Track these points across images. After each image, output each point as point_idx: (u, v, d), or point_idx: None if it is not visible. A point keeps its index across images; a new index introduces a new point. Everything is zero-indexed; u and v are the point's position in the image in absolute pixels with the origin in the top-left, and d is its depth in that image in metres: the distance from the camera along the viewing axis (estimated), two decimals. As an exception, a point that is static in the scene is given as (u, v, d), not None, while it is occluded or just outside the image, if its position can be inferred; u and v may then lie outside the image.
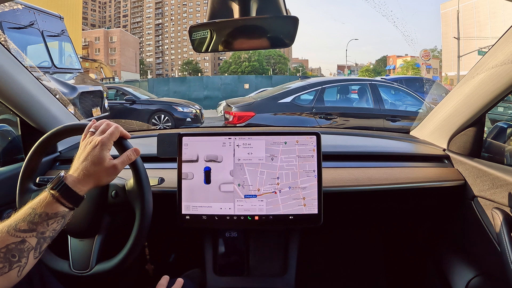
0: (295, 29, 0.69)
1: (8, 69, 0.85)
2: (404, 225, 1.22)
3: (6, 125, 1.04)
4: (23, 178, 0.72)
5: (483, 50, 15.05)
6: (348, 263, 1.30)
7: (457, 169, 0.96)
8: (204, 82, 15.43)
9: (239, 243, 0.94)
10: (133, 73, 46.09)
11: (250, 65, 42.46)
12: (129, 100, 6.95)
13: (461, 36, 15.66)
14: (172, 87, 14.90)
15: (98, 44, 45.42)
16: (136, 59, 49.58)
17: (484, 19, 25.30)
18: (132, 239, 0.67)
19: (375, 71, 43.23)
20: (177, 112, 6.80)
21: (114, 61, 45.48)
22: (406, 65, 35.73)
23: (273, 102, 3.72)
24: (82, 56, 19.49)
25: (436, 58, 34.29)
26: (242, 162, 0.82)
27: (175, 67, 60.41)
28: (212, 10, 0.71)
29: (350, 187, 0.90)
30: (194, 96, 13.92)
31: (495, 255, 0.78)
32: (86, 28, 53.62)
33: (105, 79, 16.02)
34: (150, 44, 63.77)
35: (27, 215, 0.53)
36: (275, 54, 45.51)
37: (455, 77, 19.50)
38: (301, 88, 3.85)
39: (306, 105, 3.74)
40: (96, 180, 0.60)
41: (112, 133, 0.63)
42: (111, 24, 61.61)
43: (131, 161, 0.66)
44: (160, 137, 0.89)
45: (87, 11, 59.98)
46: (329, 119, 3.66)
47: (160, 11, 62.42)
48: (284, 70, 45.37)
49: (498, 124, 1.00)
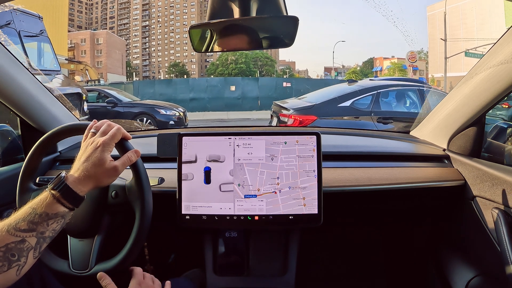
0: (295, 29, 0.69)
1: (8, 69, 0.85)
2: (404, 225, 1.22)
3: (6, 125, 1.04)
4: (23, 177, 0.72)
5: (470, 52, 15.19)
6: (348, 263, 1.30)
7: (457, 169, 0.96)
8: (190, 84, 15.30)
9: (239, 243, 0.94)
10: (120, 75, 45.36)
11: (237, 67, 42.16)
12: (111, 102, 6.81)
13: (448, 38, 15.71)
14: (158, 89, 14.76)
15: (84, 46, 44.87)
16: (122, 61, 48.87)
17: (471, 21, 25.58)
18: (131, 239, 0.67)
19: (362, 73, 43.25)
20: (159, 115, 6.64)
21: (100, 63, 44.85)
22: (393, 67, 36.11)
23: (333, 105, 3.60)
24: (67, 58, 19.25)
25: (422, 60, 34.77)
26: (242, 162, 0.82)
27: (162, 69, 59.58)
28: (212, 10, 0.71)
29: (350, 187, 0.90)
30: (180, 98, 13.76)
31: (495, 255, 0.78)
32: (72, 29, 52.50)
33: (91, 81, 15.87)
34: (137, 46, 63.06)
35: (27, 214, 0.52)
36: (262, 56, 45.31)
37: (441, 78, 19.67)
38: (359, 92, 3.76)
39: (364, 109, 3.66)
40: (97, 181, 0.60)
41: (114, 135, 0.63)
42: (97, 25, 60.58)
43: (131, 163, 0.66)
44: (160, 137, 0.89)
45: (74, 12, 59.11)
46: (386, 123, 3.58)
47: (147, 13, 61.60)
48: (271, 72, 45.08)
49: (498, 124, 1.00)
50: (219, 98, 14.34)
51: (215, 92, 14.50)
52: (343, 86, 4.36)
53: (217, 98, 14.31)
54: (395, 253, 1.28)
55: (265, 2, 0.70)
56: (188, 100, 14.05)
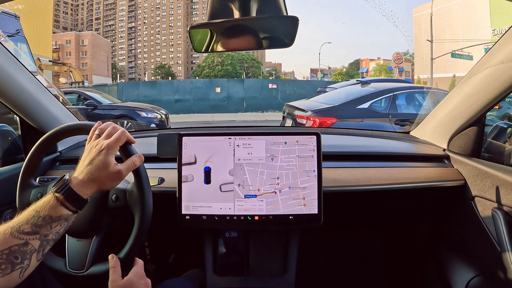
0: (295, 29, 0.69)
1: (8, 69, 0.85)
2: (404, 225, 1.22)
3: (6, 125, 1.04)
4: (24, 174, 0.72)
5: (456, 53, 15.29)
6: (348, 263, 1.30)
7: (457, 169, 0.96)
8: (175, 86, 15.07)
9: (239, 243, 0.94)
10: (105, 77, 44.73)
11: (223, 69, 41.80)
12: (91, 105, 6.58)
13: (434, 39, 15.76)
14: (142, 91, 14.51)
15: (69, 47, 44.28)
16: (108, 63, 48.18)
17: (456, 23, 25.75)
18: (129, 244, 0.66)
19: (348, 74, 43.10)
20: (140, 118, 6.45)
21: (85, 65, 44.14)
22: (379, 68, 36.21)
23: (351, 107, 3.56)
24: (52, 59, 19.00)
25: (408, 61, 34.96)
26: (242, 162, 0.82)
27: (148, 71, 58.55)
28: (212, 10, 0.71)
29: (350, 187, 0.90)
30: (165, 100, 13.59)
31: (495, 255, 0.78)
32: (57, 31, 51.39)
33: (75, 83, 15.70)
34: (123, 47, 61.99)
35: (30, 217, 0.52)
36: (249, 58, 45.02)
37: (427, 79, 19.78)
38: (375, 94, 3.76)
39: (381, 111, 3.66)
40: (100, 184, 0.59)
41: (119, 138, 0.62)
42: (83, 27, 59.45)
43: (135, 167, 0.65)
44: (160, 137, 0.89)
45: (59, 13, 58.12)
46: (403, 125, 3.56)
47: (133, 14, 60.57)
48: (258, 74, 44.78)
49: (498, 124, 1.00)
50: (204, 100, 14.14)
51: (200, 94, 14.32)
52: (356, 88, 4.35)
53: (202, 100, 14.11)
54: (395, 253, 1.28)
55: (265, 2, 0.70)
56: (173, 101, 13.88)
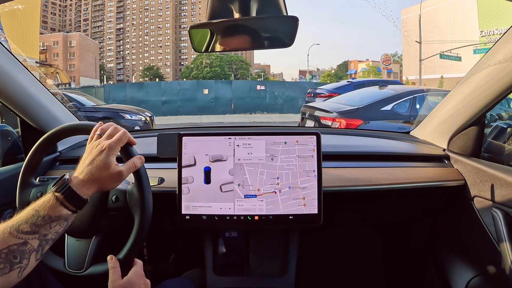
0: (295, 29, 0.69)
1: (8, 69, 0.85)
2: (404, 225, 1.22)
3: (6, 125, 1.04)
4: (25, 173, 0.72)
5: (445, 54, 15.51)
6: (348, 263, 1.30)
7: (457, 169, 0.96)
8: (162, 87, 14.98)
9: (239, 243, 0.94)
10: (93, 78, 44.13)
11: (212, 70, 41.60)
12: (73, 107, 6.38)
13: (422, 40, 15.85)
14: (129, 93, 14.39)
15: (56, 48, 43.57)
16: (96, 64, 47.50)
17: (445, 24, 25.89)
18: (128, 246, 0.66)
19: (337, 76, 43.01)
20: (124, 120, 6.30)
21: (73, 66, 43.53)
22: (367, 69, 36.42)
23: (375, 109, 3.60)
24: (38, 60, 18.87)
25: (396, 63, 35.20)
26: (242, 162, 0.82)
27: (136, 72, 58.23)
28: (212, 10, 0.71)
29: (350, 187, 0.90)
30: (152, 102, 13.58)
31: (495, 255, 0.78)
32: (45, 32, 50.78)
33: (61, 85, 15.63)
34: (111, 49, 61.27)
35: (30, 216, 0.52)
36: (237, 59, 44.84)
37: (416, 80, 19.89)
38: (397, 96, 3.79)
39: (403, 113, 3.69)
40: (101, 185, 0.59)
41: (120, 139, 0.62)
42: (71, 28, 58.75)
43: (136, 169, 0.65)
44: (160, 137, 0.89)
45: (47, 14, 57.28)
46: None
47: (121, 15, 59.90)
48: (246, 75, 44.58)
49: (498, 124, 1.00)
50: (191, 101, 14.10)
51: (188, 95, 14.26)
52: (374, 90, 4.41)
53: (190, 101, 14.06)
54: (395, 253, 1.28)
55: (265, 2, 0.70)
56: (160, 103, 13.85)
